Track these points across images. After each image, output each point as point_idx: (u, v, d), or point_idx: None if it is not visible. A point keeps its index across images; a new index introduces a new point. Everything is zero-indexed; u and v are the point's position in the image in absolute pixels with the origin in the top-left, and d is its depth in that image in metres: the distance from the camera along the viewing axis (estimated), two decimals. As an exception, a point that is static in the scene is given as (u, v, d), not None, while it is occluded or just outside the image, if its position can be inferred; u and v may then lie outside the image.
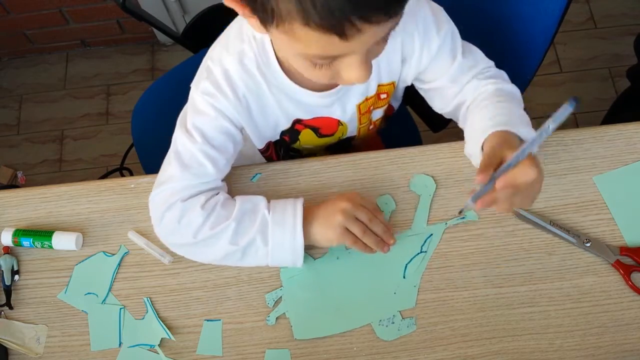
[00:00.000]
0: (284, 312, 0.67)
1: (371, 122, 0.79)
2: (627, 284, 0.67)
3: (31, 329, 0.69)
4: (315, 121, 0.72)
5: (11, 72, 1.65)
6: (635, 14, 1.60)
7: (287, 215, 0.64)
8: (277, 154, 0.79)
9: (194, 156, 0.64)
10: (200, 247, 0.65)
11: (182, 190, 0.64)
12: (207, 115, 0.64)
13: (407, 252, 0.68)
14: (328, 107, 0.70)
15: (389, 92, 0.73)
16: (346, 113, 0.72)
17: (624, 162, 0.72)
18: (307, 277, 0.68)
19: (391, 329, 0.66)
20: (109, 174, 1.45)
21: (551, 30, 0.73)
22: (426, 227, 0.69)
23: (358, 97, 0.70)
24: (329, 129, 0.74)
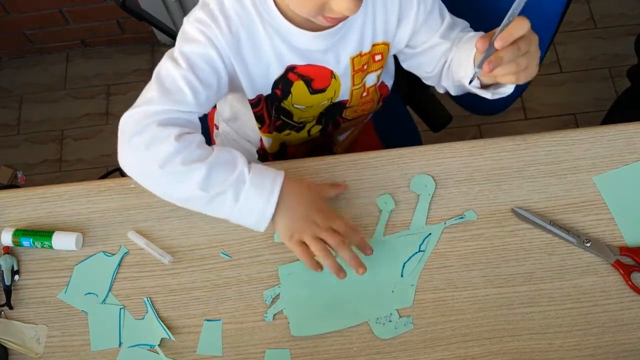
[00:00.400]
0: (282, 309, 0.67)
1: (365, 89, 0.77)
2: (627, 284, 0.67)
3: (31, 329, 0.69)
4: (309, 70, 0.70)
5: (11, 72, 1.66)
6: (635, 14, 1.60)
7: (266, 182, 0.61)
8: (268, 112, 0.76)
9: (176, 82, 0.61)
10: (164, 181, 0.60)
11: (157, 113, 0.60)
12: (197, 43, 0.62)
13: (405, 251, 0.69)
14: (322, 54, 0.69)
15: (383, 54, 0.73)
16: (340, 64, 0.71)
17: (624, 162, 0.72)
18: (305, 275, 0.68)
19: (388, 327, 0.66)
20: (109, 174, 1.45)
21: (551, 30, 0.73)
22: (425, 226, 0.70)
23: (352, 50, 0.70)
24: (321, 82, 0.72)
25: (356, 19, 0.68)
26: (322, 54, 0.69)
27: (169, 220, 0.72)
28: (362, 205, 0.72)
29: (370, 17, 0.69)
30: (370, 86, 0.78)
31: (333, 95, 0.75)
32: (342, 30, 0.68)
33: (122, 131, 0.61)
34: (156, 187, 0.62)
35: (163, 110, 0.60)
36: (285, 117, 0.78)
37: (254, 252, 0.70)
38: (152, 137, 0.59)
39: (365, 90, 0.78)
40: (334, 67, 0.71)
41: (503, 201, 0.71)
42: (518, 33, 0.54)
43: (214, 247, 0.71)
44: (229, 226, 0.72)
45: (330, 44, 0.68)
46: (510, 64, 0.56)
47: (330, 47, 0.69)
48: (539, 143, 0.74)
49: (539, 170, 0.72)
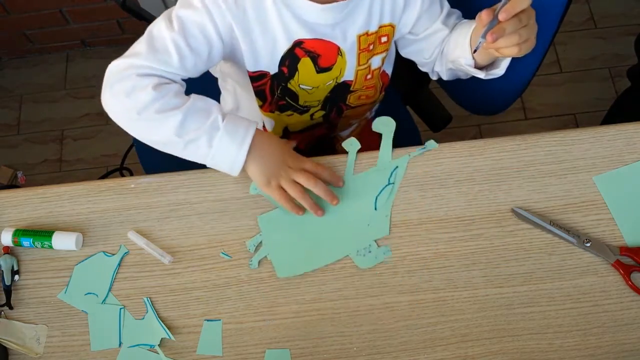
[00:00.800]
0: (265, 256, 0.69)
1: (370, 71, 0.78)
2: (627, 284, 0.67)
3: (31, 329, 0.69)
4: (316, 45, 0.70)
5: (11, 72, 1.66)
6: (635, 14, 1.60)
7: (239, 129, 0.64)
8: (271, 90, 0.76)
9: (165, 43, 0.63)
10: (141, 126, 0.64)
11: (140, 67, 0.63)
12: (194, 9, 0.64)
13: (375, 186, 0.71)
14: (330, 28, 0.69)
15: (389, 37, 0.74)
16: (346, 41, 0.71)
17: (624, 162, 0.72)
18: (284, 218, 0.70)
19: (369, 257, 0.69)
20: (109, 174, 1.45)
21: (551, 30, 0.73)
22: (391, 161, 0.72)
23: (359, 27, 0.71)
24: (328, 59, 0.73)
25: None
26: (330, 29, 0.69)
27: (169, 220, 0.72)
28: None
29: (378, 0, 0.70)
30: (375, 69, 0.78)
31: (338, 74, 0.76)
32: (350, 6, 0.68)
33: (106, 77, 0.64)
34: (135, 132, 0.65)
35: (146, 66, 0.63)
36: (290, 99, 0.78)
37: (254, 252, 0.70)
38: (132, 86, 0.62)
39: (370, 72, 0.78)
40: (340, 43, 0.71)
41: (503, 201, 0.71)
42: (520, 7, 0.58)
43: (214, 247, 0.71)
44: (229, 226, 0.72)
45: (338, 19, 0.69)
46: (512, 35, 0.60)
47: (338, 22, 0.69)
48: (538, 143, 0.74)
49: (539, 170, 0.72)
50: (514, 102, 0.90)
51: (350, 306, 0.68)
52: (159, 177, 0.75)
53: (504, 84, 0.84)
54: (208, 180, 0.74)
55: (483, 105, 0.95)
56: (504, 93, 0.87)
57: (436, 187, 0.72)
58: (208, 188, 0.74)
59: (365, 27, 0.71)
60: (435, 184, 0.72)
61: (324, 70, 0.74)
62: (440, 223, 0.71)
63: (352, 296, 0.68)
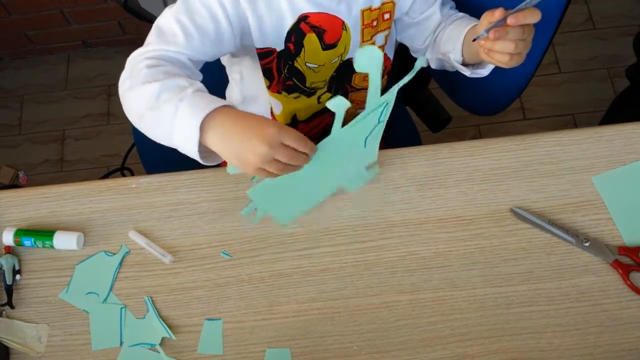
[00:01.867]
0: (264, 213, 0.71)
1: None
2: (625, 284, 0.67)
3: (32, 328, 0.69)
4: (321, 19, 0.71)
5: (12, 73, 1.66)
6: (634, 14, 1.61)
7: (203, 100, 0.59)
8: (278, 68, 0.76)
9: (171, 26, 0.64)
10: (129, 101, 0.63)
11: (147, 52, 0.64)
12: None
13: (366, 130, 0.67)
14: (335, 3, 0.70)
15: (391, 14, 0.75)
16: (351, 15, 0.72)
17: (623, 162, 0.73)
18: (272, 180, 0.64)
19: (358, 180, 0.72)
20: (110, 174, 1.46)
21: (550, 31, 0.73)
22: (380, 98, 0.65)
23: (363, 2, 0.72)
24: (333, 34, 0.73)
25: None
26: (336, 3, 0.70)
27: (170, 220, 0.73)
28: (363, 205, 0.72)
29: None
30: (379, 46, 0.79)
31: (343, 51, 0.76)
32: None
33: (125, 69, 0.65)
34: (125, 109, 0.64)
35: (153, 50, 0.64)
36: (297, 80, 0.78)
37: (254, 251, 0.71)
38: (131, 68, 0.63)
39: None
40: (345, 17, 0.72)
41: (502, 201, 0.71)
42: (529, 20, 0.60)
43: (215, 247, 0.71)
44: (229, 226, 0.72)
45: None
46: (510, 42, 0.61)
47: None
48: (537, 143, 0.74)
49: (538, 170, 0.73)
50: (513, 103, 0.90)
51: (350, 305, 0.68)
52: (160, 177, 0.75)
53: (503, 85, 0.85)
54: (209, 180, 0.74)
55: (482, 105, 0.95)
56: (503, 93, 0.87)
57: (435, 187, 0.72)
58: (209, 188, 0.74)
59: (369, 2, 0.72)
60: (435, 184, 0.73)
61: (329, 47, 0.75)
62: (439, 223, 0.71)
63: (352, 295, 0.68)
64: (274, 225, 0.72)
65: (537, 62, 0.78)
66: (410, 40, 0.82)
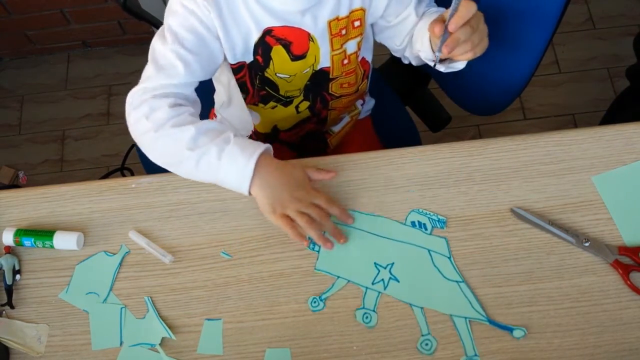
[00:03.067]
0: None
1: (346, 56, 0.78)
2: (625, 284, 0.67)
3: (32, 329, 0.69)
4: (286, 32, 0.71)
5: (12, 73, 1.66)
6: (634, 14, 1.61)
7: (250, 145, 0.65)
8: (251, 81, 0.78)
9: (167, 57, 0.66)
10: (159, 144, 0.66)
11: (154, 89, 0.66)
12: (178, 15, 0.67)
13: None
14: (299, 16, 0.70)
15: (361, 20, 0.75)
16: (317, 27, 0.72)
17: (623, 162, 0.73)
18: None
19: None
20: (110, 174, 1.46)
21: (549, 31, 0.73)
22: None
23: (329, 12, 0.71)
24: (300, 46, 0.73)
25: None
26: (300, 16, 0.70)
27: (170, 220, 0.73)
28: (363, 205, 0.72)
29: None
30: (351, 53, 0.79)
31: (314, 61, 0.76)
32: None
33: (127, 106, 0.68)
34: (152, 152, 0.67)
35: (160, 85, 0.66)
36: (270, 89, 0.79)
37: (254, 251, 0.71)
38: (150, 107, 0.65)
39: (347, 57, 0.79)
40: (311, 29, 0.72)
41: (502, 201, 0.71)
42: (468, 15, 0.61)
43: (215, 247, 0.71)
44: (229, 226, 0.72)
45: (307, 5, 0.69)
46: (466, 43, 0.63)
47: (307, 9, 0.70)
48: (538, 143, 0.74)
49: (538, 170, 0.73)
50: (513, 103, 0.90)
51: (350, 305, 0.68)
52: (160, 177, 0.75)
53: (502, 85, 0.85)
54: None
55: (482, 105, 0.95)
56: (503, 93, 0.87)
57: (436, 187, 0.72)
58: (209, 188, 0.74)
59: (335, 12, 0.72)
60: (435, 184, 0.73)
61: (298, 57, 0.75)
62: (439, 223, 0.71)
63: (351, 295, 0.68)
64: (274, 225, 0.72)
65: (536, 62, 0.78)
66: (388, 42, 0.82)
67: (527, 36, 0.74)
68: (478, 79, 0.88)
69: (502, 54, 0.79)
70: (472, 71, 0.89)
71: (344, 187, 0.73)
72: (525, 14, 0.72)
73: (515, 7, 0.72)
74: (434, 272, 0.68)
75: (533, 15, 0.71)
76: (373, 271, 0.69)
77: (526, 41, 0.75)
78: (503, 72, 0.74)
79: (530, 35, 0.73)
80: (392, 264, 0.69)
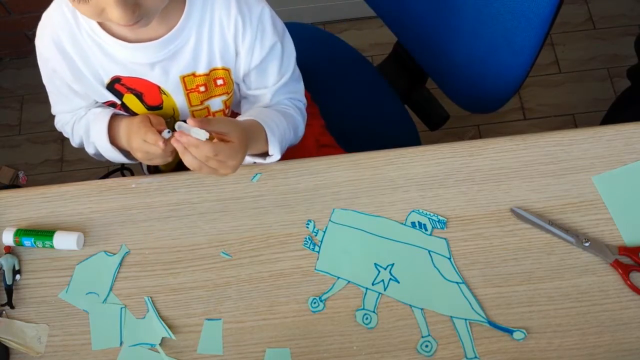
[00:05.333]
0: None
1: (210, 113, 0.77)
2: (625, 284, 0.67)
3: (32, 328, 0.69)
4: (134, 82, 0.70)
5: (12, 73, 1.66)
6: (634, 14, 1.61)
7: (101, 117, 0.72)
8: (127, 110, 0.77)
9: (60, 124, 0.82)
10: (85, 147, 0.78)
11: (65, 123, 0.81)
12: (43, 73, 0.73)
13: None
14: (149, 68, 0.68)
15: (226, 80, 0.72)
16: (168, 81, 0.70)
17: (623, 162, 0.73)
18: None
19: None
20: (110, 174, 1.45)
21: (544, 27, 0.72)
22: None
23: (183, 68, 0.69)
24: (152, 97, 0.72)
25: (189, 39, 0.67)
26: (149, 68, 0.68)
27: (170, 220, 0.73)
28: (362, 205, 0.72)
29: (205, 40, 0.67)
30: (216, 111, 0.77)
31: (173, 113, 0.75)
32: (171, 46, 0.67)
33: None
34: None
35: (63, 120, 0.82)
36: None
37: (254, 251, 0.71)
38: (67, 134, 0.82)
39: (211, 114, 0.77)
40: (160, 82, 0.70)
41: (502, 201, 0.71)
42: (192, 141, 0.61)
43: (215, 247, 0.71)
44: (229, 226, 0.72)
45: (157, 58, 0.67)
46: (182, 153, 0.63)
47: (157, 62, 0.68)
48: (538, 143, 0.74)
49: (538, 170, 0.73)
50: (513, 103, 0.91)
51: (350, 305, 0.68)
52: (160, 177, 0.75)
53: (498, 83, 0.85)
54: (208, 180, 0.74)
55: (479, 103, 0.95)
56: (498, 92, 0.87)
57: (435, 187, 0.72)
58: (208, 188, 0.74)
59: (190, 68, 0.69)
60: (435, 184, 0.73)
61: (153, 108, 0.73)
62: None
63: (351, 296, 0.68)
64: (274, 225, 0.72)
65: (531, 60, 0.78)
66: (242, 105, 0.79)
67: (521, 35, 0.74)
68: (473, 77, 0.88)
69: (497, 53, 0.79)
70: (468, 69, 0.89)
71: (344, 187, 0.73)
72: (519, 12, 0.72)
73: (508, 5, 0.72)
74: (434, 273, 0.68)
75: (527, 13, 0.71)
76: (373, 272, 0.69)
77: (520, 40, 0.75)
78: (498, 70, 0.74)
79: (525, 33, 0.73)
80: (392, 265, 0.69)
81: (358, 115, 1.03)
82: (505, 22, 0.74)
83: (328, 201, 0.72)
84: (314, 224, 0.71)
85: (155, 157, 0.68)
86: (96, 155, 0.78)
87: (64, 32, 0.67)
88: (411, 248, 0.69)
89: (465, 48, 0.85)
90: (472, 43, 0.82)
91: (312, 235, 0.71)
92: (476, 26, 0.79)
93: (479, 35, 0.80)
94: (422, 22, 0.89)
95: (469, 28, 0.80)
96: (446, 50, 0.89)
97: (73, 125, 0.78)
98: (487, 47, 0.80)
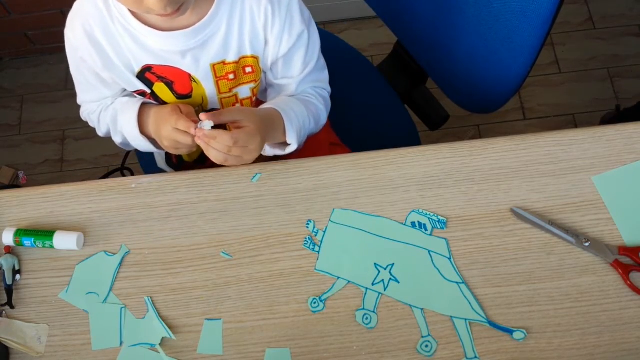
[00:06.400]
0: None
1: (238, 100, 0.78)
2: (625, 284, 0.67)
3: (32, 328, 0.69)
4: (165, 71, 0.70)
5: (12, 73, 1.66)
6: (634, 14, 1.61)
7: (130, 106, 0.73)
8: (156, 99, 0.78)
9: (86, 113, 0.82)
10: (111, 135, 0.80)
11: (91, 112, 0.81)
12: (70, 58, 0.73)
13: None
14: (180, 56, 0.69)
15: (254, 68, 0.73)
16: (199, 69, 0.71)
17: (623, 162, 0.73)
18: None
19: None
20: (110, 174, 1.45)
21: (545, 27, 0.72)
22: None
23: (214, 56, 0.70)
24: (182, 85, 0.72)
25: (220, 27, 0.68)
26: (180, 56, 0.69)
27: (170, 219, 0.73)
28: (362, 205, 0.72)
29: (236, 29, 0.68)
30: (243, 98, 0.78)
31: (202, 102, 0.76)
32: (203, 35, 0.67)
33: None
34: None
35: (91, 109, 0.82)
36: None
37: (254, 251, 0.71)
38: (93, 122, 0.84)
39: (239, 101, 0.78)
40: (191, 70, 0.71)
41: (502, 201, 0.71)
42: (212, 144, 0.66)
43: (215, 247, 0.71)
44: (229, 226, 0.72)
45: (188, 46, 0.68)
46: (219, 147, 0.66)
47: (188, 50, 0.68)
48: (538, 143, 0.74)
49: (538, 170, 0.73)
50: (513, 103, 0.91)
51: (350, 305, 0.68)
52: (160, 177, 0.75)
53: (498, 83, 0.85)
54: (208, 180, 0.74)
55: (479, 103, 0.95)
56: (499, 92, 0.87)
57: (435, 187, 0.72)
58: (208, 188, 0.74)
59: (221, 56, 0.70)
60: (435, 184, 0.73)
61: (183, 97, 0.74)
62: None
63: (351, 295, 0.68)
64: (274, 225, 0.72)
65: (532, 60, 0.78)
66: (268, 95, 0.81)
67: (522, 35, 0.74)
68: (473, 77, 0.88)
69: (497, 53, 0.79)
70: (468, 69, 0.89)
71: (344, 187, 0.73)
72: (519, 12, 0.72)
73: (508, 5, 0.72)
74: (434, 273, 0.68)
75: (527, 13, 0.71)
76: (373, 272, 0.69)
77: (520, 40, 0.75)
78: (498, 70, 0.74)
79: (525, 33, 0.73)
80: (392, 265, 0.69)
81: (358, 116, 1.03)
82: (505, 21, 0.74)
83: (328, 201, 0.72)
84: (314, 224, 0.71)
85: (183, 146, 0.69)
86: (123, 145, 0.79)
87: (95, 21, 0.67)
88: (411, 248, 0.69)
89: (465, 48, 0.85)
90: (472, 43, 0.82)
91: (312, 235, 0.71)
92: (476, 26, 0.79)
93: (479, 35, 0.80)
94: (422, 21, 0.89)
95: (469, 28, 0.81)
96: (446, 50, 0.89)
97: (99, 115, 0.79)
98: (487, 47, 0.80)
